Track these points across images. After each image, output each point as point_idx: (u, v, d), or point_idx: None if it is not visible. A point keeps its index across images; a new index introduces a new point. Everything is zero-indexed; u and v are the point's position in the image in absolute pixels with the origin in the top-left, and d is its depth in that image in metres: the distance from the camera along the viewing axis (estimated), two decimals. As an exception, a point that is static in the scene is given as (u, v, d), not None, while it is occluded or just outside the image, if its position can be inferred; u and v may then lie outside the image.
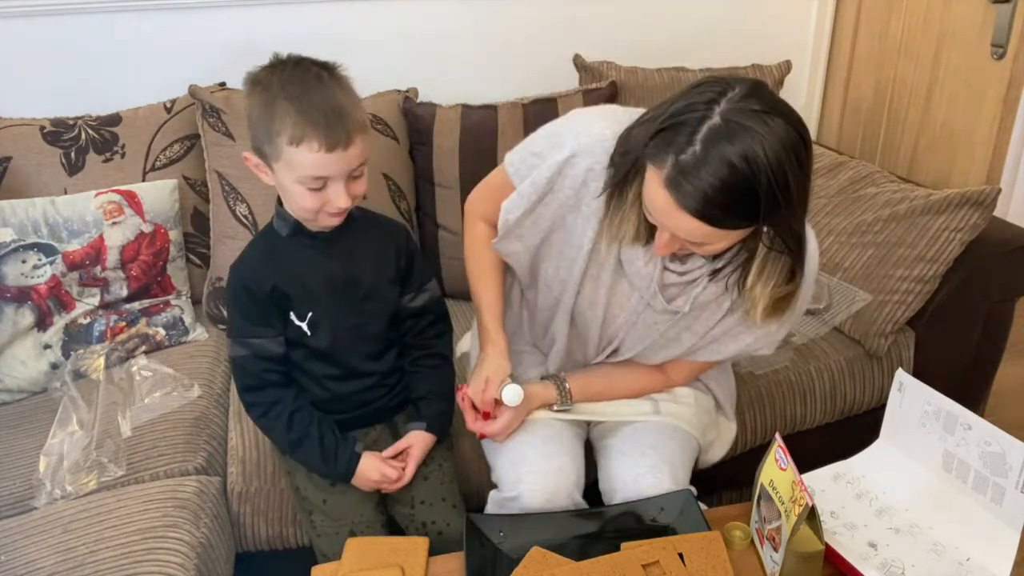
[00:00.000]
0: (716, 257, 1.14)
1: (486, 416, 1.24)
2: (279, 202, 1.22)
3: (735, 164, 0.93)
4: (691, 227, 0.99)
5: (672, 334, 1.23)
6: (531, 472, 1.21)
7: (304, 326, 1.22)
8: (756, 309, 1.11)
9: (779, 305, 1.11)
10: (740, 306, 1.16)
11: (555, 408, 1.29)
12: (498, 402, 1.22)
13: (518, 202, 1.21)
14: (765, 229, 1.04)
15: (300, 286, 1.21)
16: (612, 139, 1.12)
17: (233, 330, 1.23)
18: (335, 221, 1.17)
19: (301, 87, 1.09)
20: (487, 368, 1.23)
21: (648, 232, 1.12)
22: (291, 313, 1.22)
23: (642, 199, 1.06)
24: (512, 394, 1.20)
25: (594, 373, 1.32)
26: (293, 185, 1.12)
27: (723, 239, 1.02)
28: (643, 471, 1.21)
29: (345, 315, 1.24)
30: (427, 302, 1.32)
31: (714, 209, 0.96)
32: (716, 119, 0.94)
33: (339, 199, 1.12)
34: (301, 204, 1.14)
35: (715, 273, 1.15)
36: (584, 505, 1.23)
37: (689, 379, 1.34)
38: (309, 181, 1.11)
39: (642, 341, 1.24)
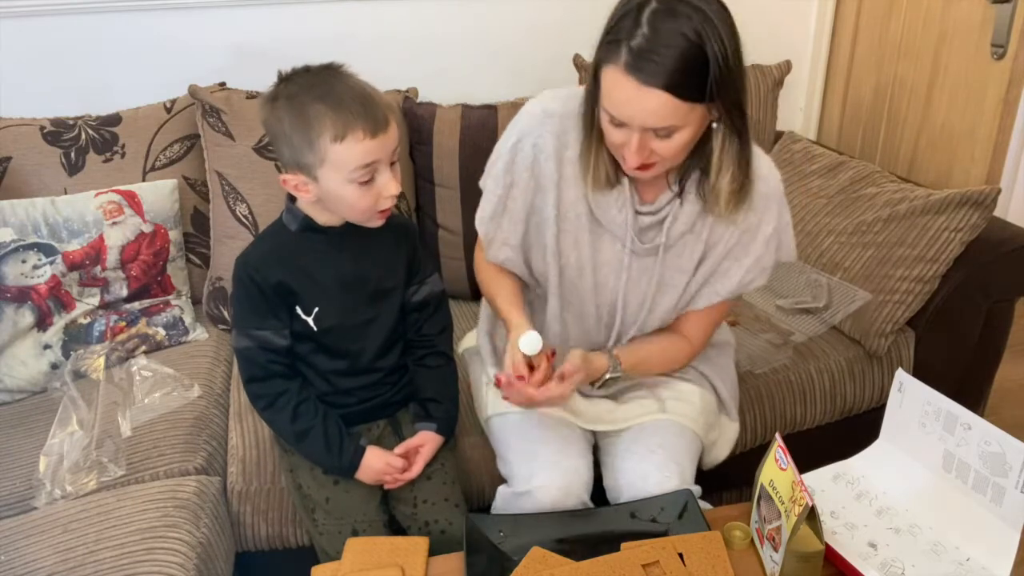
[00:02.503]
0: (680, 185, 1.21)
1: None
2: (290, 198, 1.22)
3: (686, 34, 1.01)
4: (657, 106, 1.03)
5: (664, 278, 1.26)
6: (545, 468, 1.21)
7: (310, 320, 1.22)
8: (720, 203, 1.17)
9: (740, 196, 1.18)
10: (710, 211, 1.20)
11: (608, 376, 1.26)
12: (531, 367, 1.18)
13: (487, 201, 1.27)
14: (715, 107, 1.09)
15: (307, 281, 1.21)
16: (546, 114, 1.22)
17: (238, 321, 1.24)
18: (381, 220, 1.19)
19: (324, 87, 1.10)
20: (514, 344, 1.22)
21: (616, 175, 1.20)
22: (297, 308, 1.22)
23: (604, 121, 1.11)
24: (528, 340, 1.15)
25: (634, 341, 1.32)
26: (344, 187, 1.12)
27: (684, 122, 1.06)
28: (651, 469, 1.21)
29: (353, 310, 1.24)
30: (428, 295, 1.32)
31: (677, 76, 1.02)
32: (654, 4, 1.03)
33: (390, 185, 1.14)
34: (355, 205, 1.15)
35: (681, 194, 1.21)
36: (591, 506, 1.23)
37: (705, 338, 1.34)
38: (360, 174, 1.11)
39: (637, 298, 1.26)
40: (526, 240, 1.28)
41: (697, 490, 1.21)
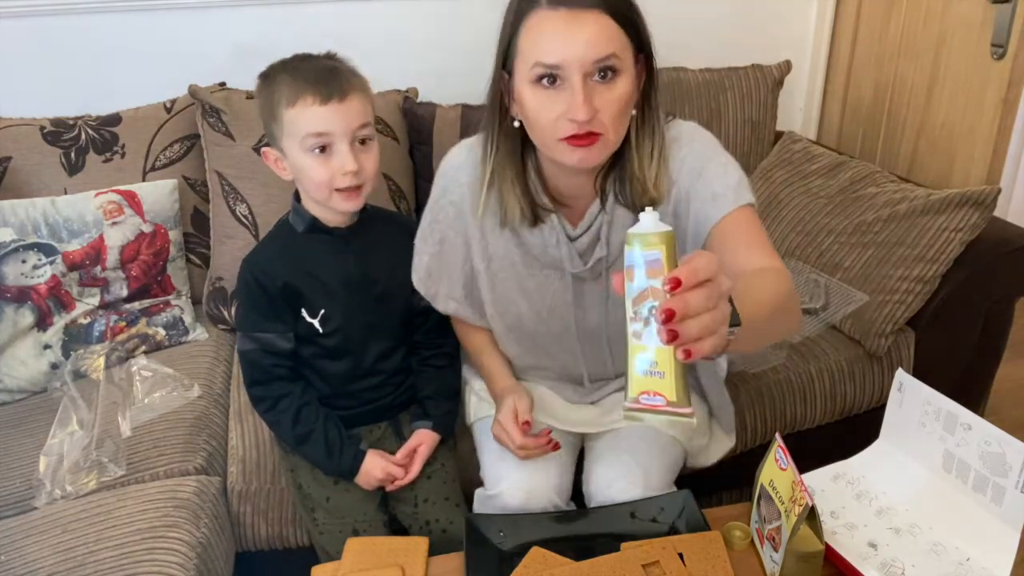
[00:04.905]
0: (602, 187, 1.13)
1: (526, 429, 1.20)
2: (296, 197, 1.22)
3: None
4: (596, 30, 0.96)
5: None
6: (513, 471, 1.21)
7: (316, 323, 1.22)
8: (648, 188, 1.09)
9: (660, 172, 1.10)
10: (639, 202, 1.10)
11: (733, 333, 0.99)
12: (527, 424, 1.19)
13: (419, 261, 1.25)
14: (640, 61, 1.04)
15: (313, 283, 1.21)
16: (456, 168, 1.19)
17: (242, 323, 1.24)
18: (350, 203, 1.17)
19: (299, 61, 1.16)
20: (507, 404, 1.21)
21: (532, 213, 1.14)
22: (303, 310, 1.22)
23: (534, 95, 1.02)
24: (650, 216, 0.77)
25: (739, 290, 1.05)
26: (302, 157, 1.14)
27: (623, 57, 1.00)
28: (615, 476, 1.20)
29: (359, 312, 1.24)
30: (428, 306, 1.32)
31: None
32: None
33: (346, 161, 1.13)
34: (312, 178, 1.15)
35: (604, 199, 1.13)
36: (571, 507, 1.23)
37: (764, 247, 1.05)
38: (311, 142, 1.12)
39: (600, 319, 1.23)
40: (472, 293, 1.26)
41: None
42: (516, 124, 1.08)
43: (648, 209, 0.74)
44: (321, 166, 1.14)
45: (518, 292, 1.22)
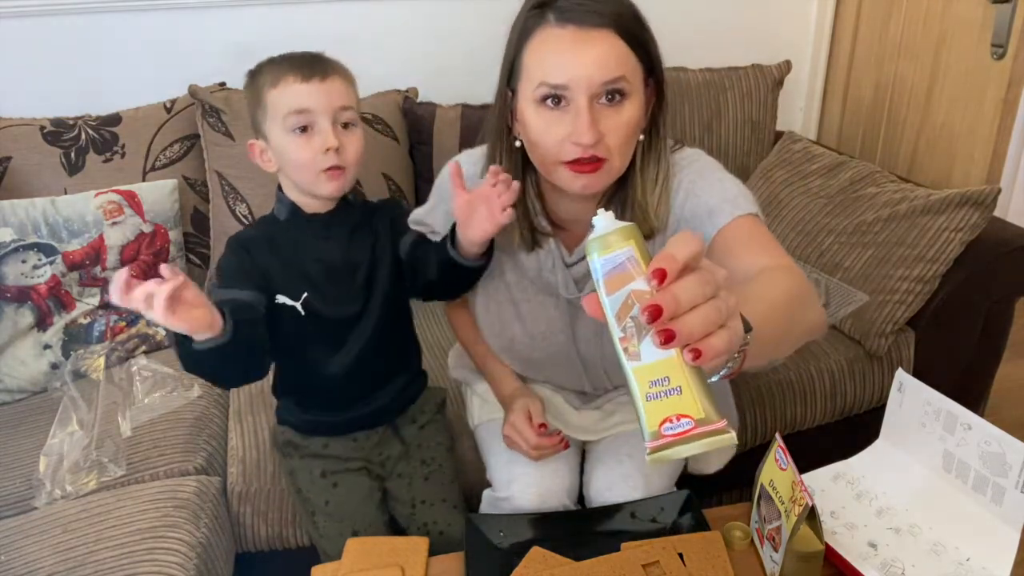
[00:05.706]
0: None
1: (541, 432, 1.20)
2: (280, 188, 1.22)
3: None
4: (604, 49, 0.93)
5: None
6: (525, 473, 1.20)
7: (298, 305, 1.18)
8: (649, 216, 1.05)
9: (663, 196, 1.06)
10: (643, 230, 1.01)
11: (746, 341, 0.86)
12: (543, 426, 1.20)
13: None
14: (650, 84, 1.01)
15: (293, 270, 1.20)
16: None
17: (214, 287, 1.17)
18: (334, 185, 1.15)
19: (287, 53, 1.17)
20: (519, 407, 1.21)
21: (532, 238, 1.12)
22: (281, 295, 1.19)
23: (538, 116, 0.99)
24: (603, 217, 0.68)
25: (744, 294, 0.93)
26: (284, 139, 1.13)
27: (632, 80, 0.96)
28: (616, 479, 1.20)
29: (344, 301, 1.22)
30: (419, 236, 1.25)
31: (620, 17, 0.94)
32: None
33: (328, 138, 1.12)
34: (295, 159, 1.14)
35: None
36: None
37: (774, 251, 0.99)
38: (293, 120, 1.12)
39: (599, 347, 1.21)
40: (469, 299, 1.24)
41: None
42: (518, 144, 1.05)
43: (600, 211, 0.65)
44: (303, 146, 1.13)
45: (512, 315, 1.20)
